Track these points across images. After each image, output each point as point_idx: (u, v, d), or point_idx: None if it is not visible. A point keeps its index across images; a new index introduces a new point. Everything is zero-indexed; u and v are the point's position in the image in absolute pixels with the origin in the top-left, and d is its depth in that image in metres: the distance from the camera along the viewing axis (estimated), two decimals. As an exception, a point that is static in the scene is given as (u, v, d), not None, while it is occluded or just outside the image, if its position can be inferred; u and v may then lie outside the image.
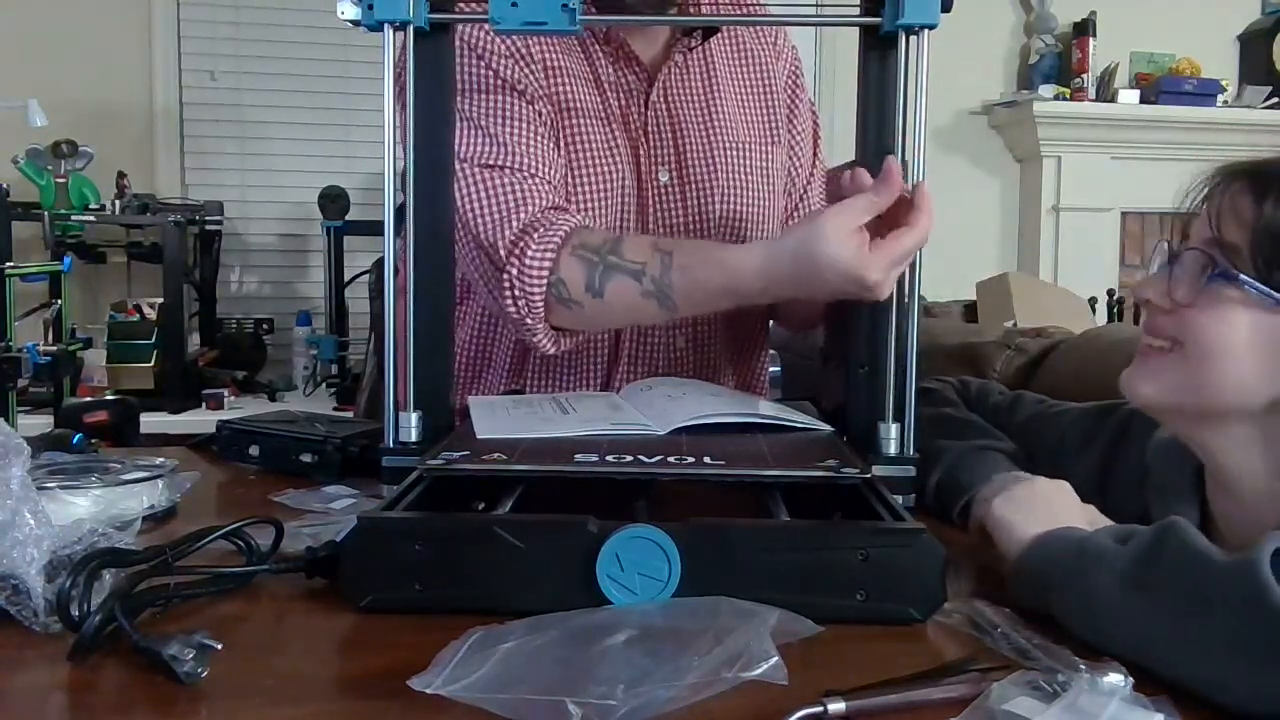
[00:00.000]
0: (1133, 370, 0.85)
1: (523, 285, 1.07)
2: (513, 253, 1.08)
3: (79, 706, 0.59)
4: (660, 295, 1.03)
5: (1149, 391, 0.83)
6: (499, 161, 1.12)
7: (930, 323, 2.24)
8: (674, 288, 1.03)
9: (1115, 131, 3.71)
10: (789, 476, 0.80)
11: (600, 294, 1.05)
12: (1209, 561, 0.61)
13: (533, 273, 1.07)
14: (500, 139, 1.13)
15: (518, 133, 1.13)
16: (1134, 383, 0.84)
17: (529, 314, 1.08)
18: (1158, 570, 0.63)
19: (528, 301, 1.07)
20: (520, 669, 0.58)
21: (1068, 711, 0.53)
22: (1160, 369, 0.82)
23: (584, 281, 1.06)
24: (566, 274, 1.06)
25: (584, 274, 1.06)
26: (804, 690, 0.55)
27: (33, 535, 0.67)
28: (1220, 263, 0.78)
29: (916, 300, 0.91)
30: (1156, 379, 0.82)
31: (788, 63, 1.36)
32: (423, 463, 0.80)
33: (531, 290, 1.07)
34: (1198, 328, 0.79)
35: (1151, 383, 0.83)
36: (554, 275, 1.07)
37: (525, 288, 1.07)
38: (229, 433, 1.17)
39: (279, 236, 3.44)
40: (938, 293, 3.12)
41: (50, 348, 2.58)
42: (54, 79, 3.12)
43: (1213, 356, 0.78)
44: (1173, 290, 0.80)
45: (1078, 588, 0.67)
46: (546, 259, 1.07)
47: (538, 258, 1.07)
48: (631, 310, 1.07)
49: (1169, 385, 0.81)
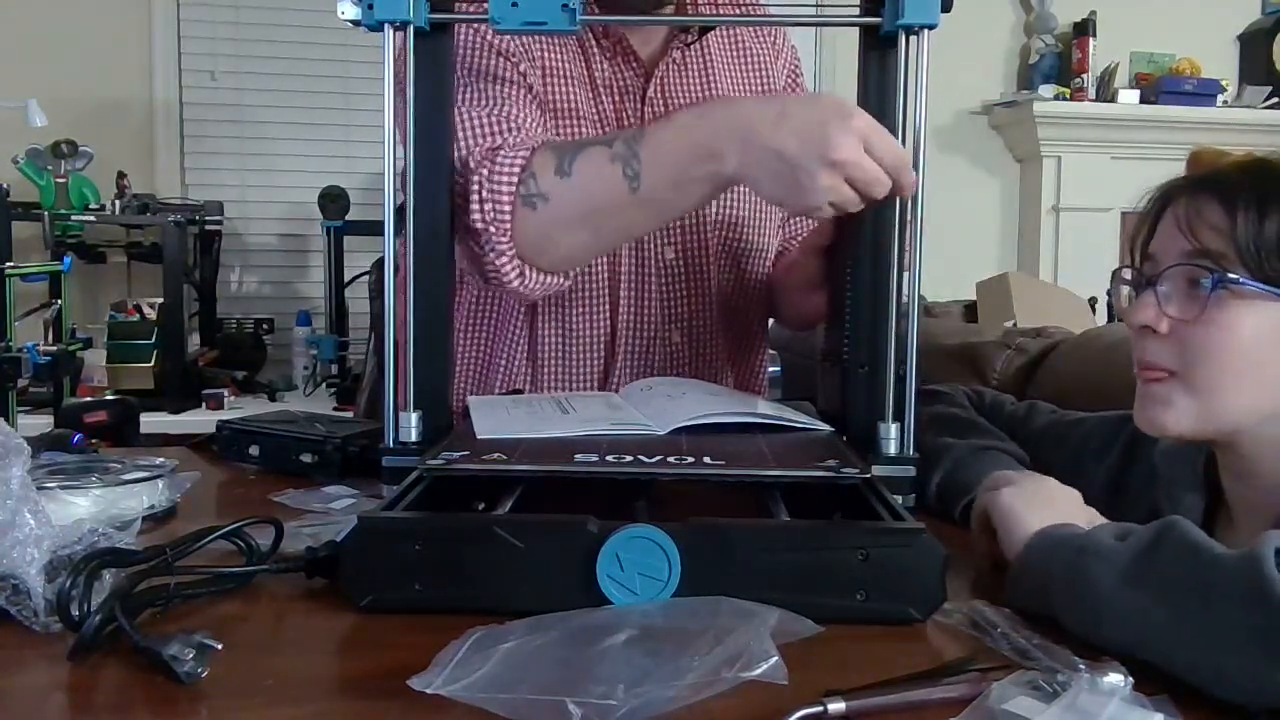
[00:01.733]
0: (1145, 405, 0.83)
1: (493, 185, 1.02)
2: (485, 159, 1.04)
3: (79, 706, 0.59)
4: (627, 155, 0.97)
5: (1174, 422, 0.81)
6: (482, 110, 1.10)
7: (930, 323, 2.24)
8: (642, 140, 0.98)
9: (1115, 131, 3.71)
10: (789, 476, 0.80)
11: (569, 172, 1.01)
12: (1211, 557, 0.61)
13: (503, 172, 1.02)
14: (488, 93, 1.12)
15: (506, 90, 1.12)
16: (1155, 418, 0.82)
17: (495, 219, 1.02)
18: (1158, 566, 0.63)
19: (495, 205, 1.02)
20: (520, 669, 0.58)
21: (1068, 711, 0.53)
22: (1175, 397, 0.80)
23: (554, 165, 1.01)
24: (538, 164, 1.02)
25: (555, 158, 1.02)
26: (804, 690, 0.55)
27: (33, 535, 0.67)
28: (1217, 270, 0.77)
29: (916, 300, 0.91)
30: (1176, 409, 0.80)
31: (787, 61, 1.36)
32: (423, 463, 0.80)
33: (500, 190, 1.02)
34: (1203, 341, 0.78)
35: (1173, 413, 0.81)
36: (525, 171, 1.02)
37: (494, 188, 1.02)
38: (229, 433, 1.17)
39: (279, 236, 3.44)
40: (938, 293, 3.12)
41: (50, 348, 2.58)
42: (54, 79, 3.12)
43: (1227, 369, 0.78)
44: (1166, 310, 0.80)
45: (1077, 583, 0.66)
46: (519, 157, 1.03)
47: (509, 157, 1.03)
48: (597, 186, 0.99)
49: (1192, 412, 0.80)
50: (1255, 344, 0.77)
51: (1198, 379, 0.79)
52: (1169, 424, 0.81)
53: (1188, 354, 0.79)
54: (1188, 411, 0.80)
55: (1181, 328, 0.79)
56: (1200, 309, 0.78)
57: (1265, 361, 0.78)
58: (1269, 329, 0.77)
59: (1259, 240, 0.76)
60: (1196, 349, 0.79)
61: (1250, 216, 0.77)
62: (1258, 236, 0.76)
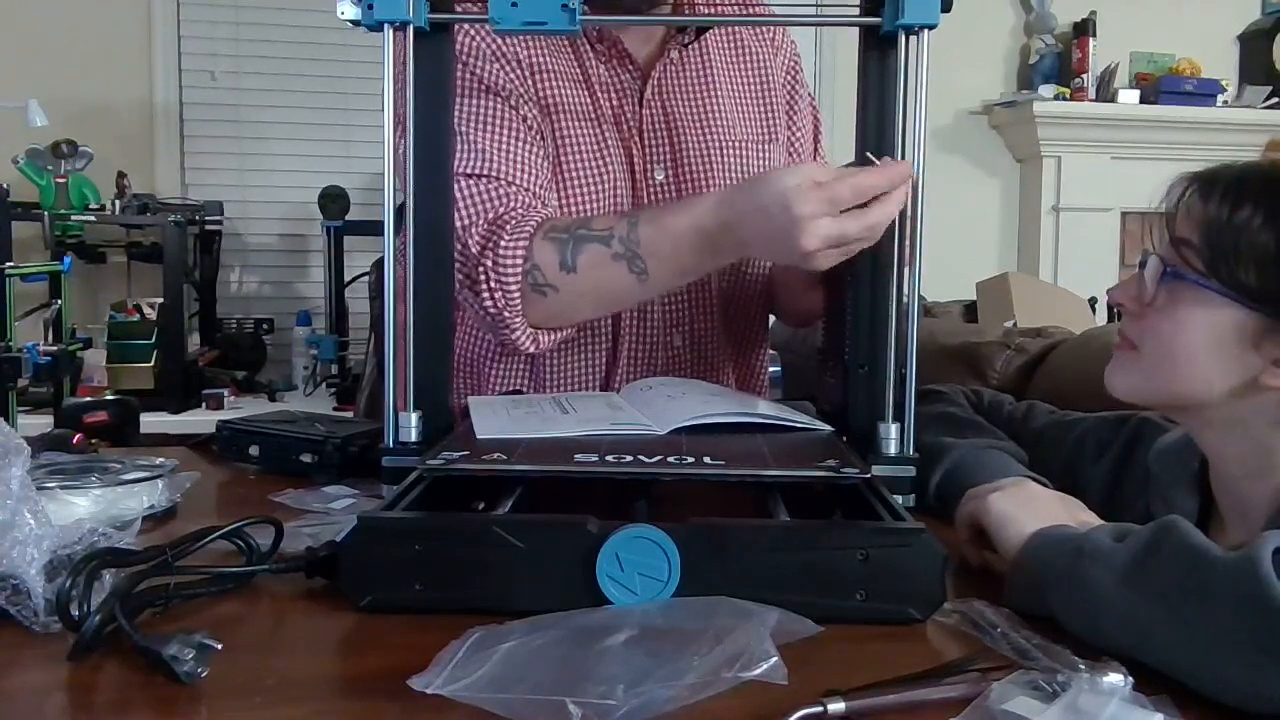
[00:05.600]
0: (1110, 366, 0.90)
1: (499, 276, 1.06)
2: (485, 248, 1.07)
3: (79, 706, 0.59)
4: (629, 254, 1.02)
5: (1121, 384, 0.89)
6: (474, 170, 1.12)
7: (930, 323, 2.24)
8: (641, 243, 1.02)
9: (1115, 131, 3.71)
10: (789, 476, 0.80)
11: (573, 268, 1.05)
12: (1209, 558, 0.61)
13: (507, 263, 1.06)
14: (478, 146, 1.13)
15: (496, 139, 1.13)
16: (1110, 377, 0.90)
17: (506, 307, 1.07)
18: (1156, 567, 0.63)
19: (504, 294, 1.07)
20: (520, 669, 0.58)
21: (1067, 711, 0.53)
22: (1129, 366, 0.88)
23: (557, 260, 1.05)
24: (540, 258, 1.06)
25: (556, 253, 1.05)
26: (804, 690, 0.55)
27: (33, 535, 0.67)
28: (1171, 263, 0.82)
29: (916, 300, 0.91)
30: (1127, 375, 0.88)
31: (786, 58, 1.36)
32: (422, 463, 0.80)
33: (507, 281, 1.06)
34: (1153, 328, 0.85)
35: (1123, 378, 0.88)
36: (528, 263, 1.06)
37: (501, 279, 1.06)
38: (229, 433, 1.17)
39: (279, 236, 3.44)
40: (938, 293, 3.13)
41: (50, 348, 2.58)
42: (54, 79, 3.12)
43: (1168, 355, 0.84)
44: (1141, 293, 0.85)
45: (1076, 585, 0.66)
46: (520, 247, 1.06)
47: (511, 247, 1.06)
48: (605, 281, 1.05)
49: (1136, 382, 0.87)
50: (1194, 336, 0.82)
51: (1145, 355, 0.86)
52: (1119, 387, 0.89)
53: (1143, 332, 0.86)
54: (1136, 381, 0.87)
55: (1146, 308, 0.85)
56: (1163, 294, 0.84)
57: (1195, 354, 0.82)
58: (1207, 326, 0.81)
59: (1220, 241, 0.80)
60: (1148, 329, 0.85)
61: (1221, 216, 0.81)
62: (1218, 237, 0.80)
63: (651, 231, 1.02)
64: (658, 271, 1.03)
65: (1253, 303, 0.79)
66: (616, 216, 1.06)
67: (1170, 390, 0.85)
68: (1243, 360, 0.80)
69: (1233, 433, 0.84)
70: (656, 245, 1.02)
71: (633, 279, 1.04)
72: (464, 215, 1.10)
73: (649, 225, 1.02)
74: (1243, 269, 0.79)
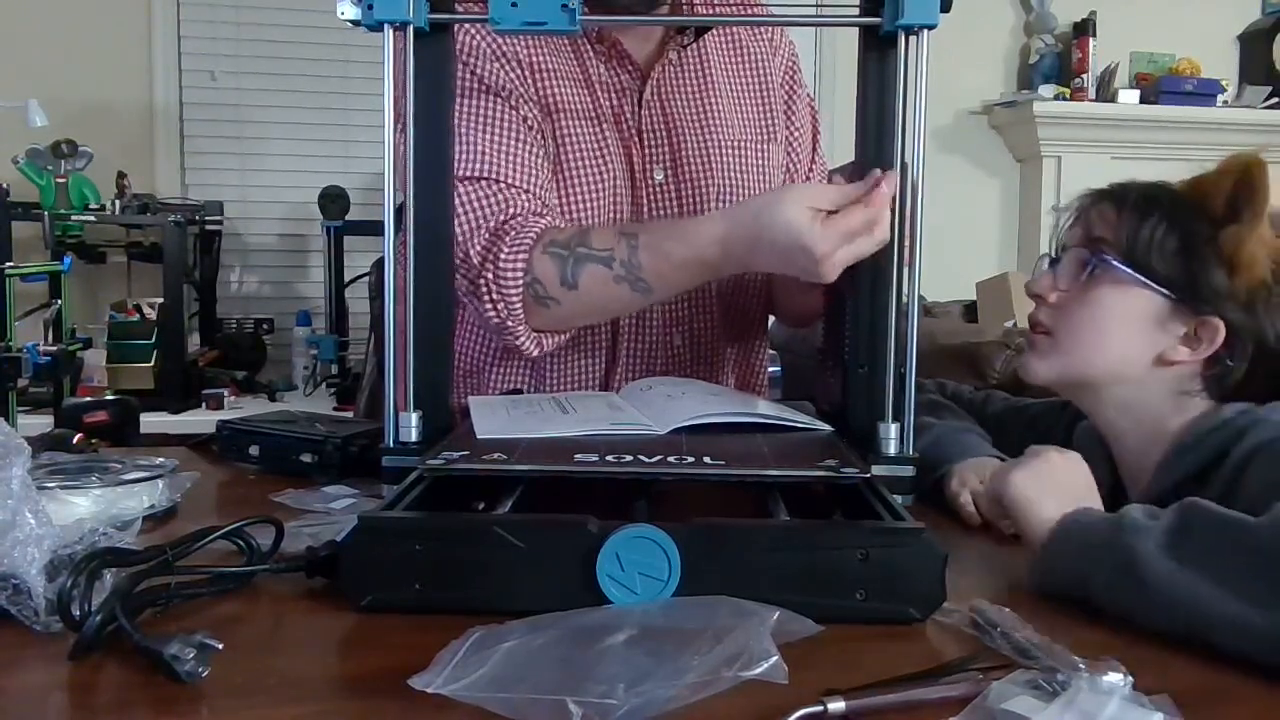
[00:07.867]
0: (1026, 354, 1.03)
1: (500, 289, 1.08)
2: (486, 259, 1.09)
3: (79, 706, 0.59)
4: (631, 278, 1.05)
5: (1041, 369, 1.01)
6: (474, 173, 1.12)
7: (930, 323, 2.25)
8: (643, 267, 1.04)
9: (1115, 131, 3.71)
10: (789, 476, 0.80)
11: (575, 285, 1.06)
12: (1242, 522, 0.67)
13: (508, 275, 1.08)
14: (478, 147, 1.13)
15: (496, 140, 1.14)
16: (1029, 364, 1.02)
17: (509, 317, 1.09)
18: (1195, 536, 0.68)
19: (506, 305, 1.09)
20: (520, 669, 0.58)
21: (1067, 711, 0.53)
22: (1047, 351, 1.00)
23: (558, 277, 1.07)
24: (540, 272, 1.07)
25: (557, 269, 1.07)
26: (804, 690, 0.55)
27: (33, 535, 0.67)
28: (1096, 254, 0.96)
29: (916, 300, 0.91)
30: (1045, 359, 1.00)
31: (785, 58, 1.36)
32: (423, 463, 0.80)
33: (509, 293, 1.08)
34: (1072, 312, 0.98)
35: (1042, 362, 1.00)
36: (529, 275, 1.08)
37: (502, 290, 1.08)
38: (229, 433, 1.18)
39: (279, 236, 3.44)
40: (938, 293, 3.13)
41: (50, 348, 2.58)
42: (54, 79, 3.12)
43: (1089, 334, 0.97)
44: (1058, 283, 1.00)
45: (1121, 555, 0.70)
46: (519, 260, 1.08)
47: (511, 260, 1.08)
48: (608, 299, 1.08)
49: (1055, 363, 0.99)
50: (1111, 318, 0.96)
51: (1062, 337, 0.99)
52: (1036, 370, 1.01)
53: (1061, 318, 0.99)
54: (1052, 363, 1.00)
55: (1064, 298, 0.99)
56: (1080, 284, 0.97)
57: (1113, 333, 0.96)
58: (1122, 310, 0.96)
59: (1136, 237, 0.95)
60: (1068, 314, 0.99)
61: (1133, 217, 0.96)
62: (1135, 234, 0.95)
63: (652, 258, 1.03)
64: (660, 290, 1.07)
65: (1162, 288, 0.94)
66: (615, 234, 1.07)
67: (1087, 368, 0.97)
68: (1151, 338, 0.95)
69: (1130, 413, 0.98)
70: (657, 270, 1.04)
71: (635, 295, 1.06)
72: (465, 222, 1.10)
73: (649, 252, 1.04)
74: (1155, 260, 0.94)
